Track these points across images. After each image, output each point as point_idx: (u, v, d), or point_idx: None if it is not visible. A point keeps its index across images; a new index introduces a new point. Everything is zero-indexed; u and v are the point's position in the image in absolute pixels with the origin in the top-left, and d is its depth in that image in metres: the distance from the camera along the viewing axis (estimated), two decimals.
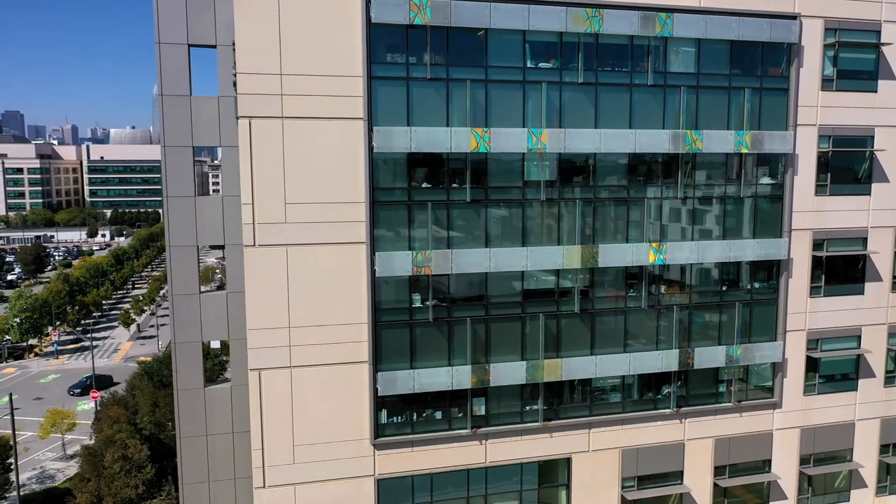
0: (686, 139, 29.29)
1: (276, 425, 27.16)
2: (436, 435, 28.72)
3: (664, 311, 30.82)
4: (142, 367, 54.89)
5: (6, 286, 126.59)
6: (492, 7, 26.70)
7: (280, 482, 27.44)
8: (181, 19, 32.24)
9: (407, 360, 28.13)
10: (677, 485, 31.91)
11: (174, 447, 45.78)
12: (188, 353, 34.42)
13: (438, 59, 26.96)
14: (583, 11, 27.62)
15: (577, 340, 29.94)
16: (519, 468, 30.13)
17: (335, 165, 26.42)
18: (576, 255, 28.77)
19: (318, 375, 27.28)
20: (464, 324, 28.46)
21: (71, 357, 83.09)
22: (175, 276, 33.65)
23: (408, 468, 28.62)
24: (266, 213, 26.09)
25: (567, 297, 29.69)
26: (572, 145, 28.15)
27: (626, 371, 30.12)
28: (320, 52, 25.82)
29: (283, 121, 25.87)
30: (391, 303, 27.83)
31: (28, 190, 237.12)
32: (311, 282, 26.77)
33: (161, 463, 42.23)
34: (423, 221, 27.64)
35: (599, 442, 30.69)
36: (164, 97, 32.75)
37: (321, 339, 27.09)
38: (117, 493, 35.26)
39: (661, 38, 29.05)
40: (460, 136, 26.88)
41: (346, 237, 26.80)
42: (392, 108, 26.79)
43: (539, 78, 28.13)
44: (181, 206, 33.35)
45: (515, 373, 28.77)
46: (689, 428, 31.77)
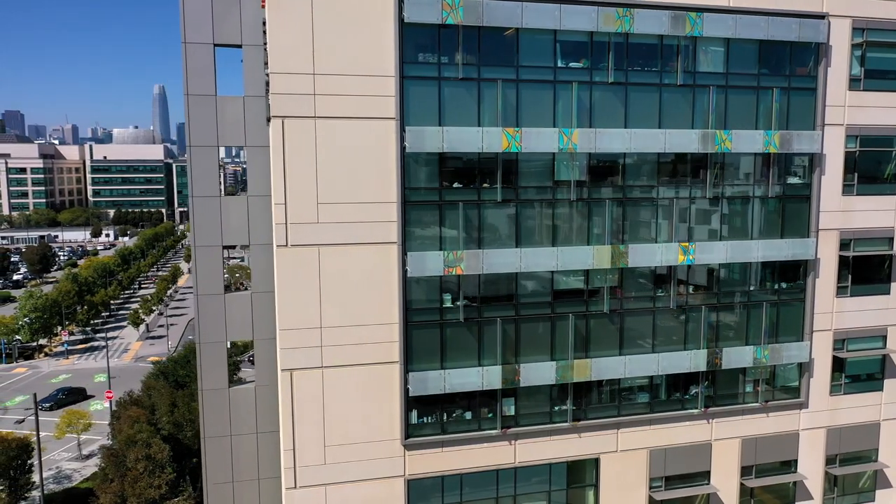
0: (715, 139, 29.25)
1: (308, 426, 27.12)
2: (466, 435, 28.68)
3: (692, 311, 30.77)
4: (157, 367, 54.81)
5: (13, 286, 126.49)
6: (523, 7, 26.65)
7: (311, 483, 27.40)
8: (207, 19, 32.20)
9: (437, 361, 28.08)
10: (704, 485, 31.88)
11: (192, 447, 45.91)
12: (213, 353, 34.45)
13: (470, 59, 26.91)
14: (613, 11, 27.56)
15: (605, 340, 29.91)
16: (548, 468, 30.09)
17: (367, 165, 26.37)
18: (605, 256, 28.71)
19: (350, 376, 27.23)
20: (494, 324, 28.42)
21: (81, 357, 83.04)
22: (200, 276, 33.62)
23: (438, 468, 28.58)
24: (299, 213, 26.04)
25: (596, 297, 29.64)
26: (602, 145, 28.10)
27: (655, 371, 30.09)
28: (353, 52, 25.77)
29: (316, 120, 25.81)
30: (422, 303, 27.79)
31: (31, 190, 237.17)
32: (343, 282, 26.72)
33: (180, 463, 42.19)
34: (453, 221, 27.60)
35: (628, 442, 30.65)
36: (190, 97, 32.72)
37: (352, 339, 27.05)
38: (141, 494, 35.22)
39: (690, 38, 28.99)
40: (492, 136, 26.83)
41: (377, 237, 26.75)
42: (423, 108, 26.75)
43: (569, 78, 28.07)
44: (206, 206, 33.35)
45: (545, 373, 28.73)
46: (717, 428, 31.74)
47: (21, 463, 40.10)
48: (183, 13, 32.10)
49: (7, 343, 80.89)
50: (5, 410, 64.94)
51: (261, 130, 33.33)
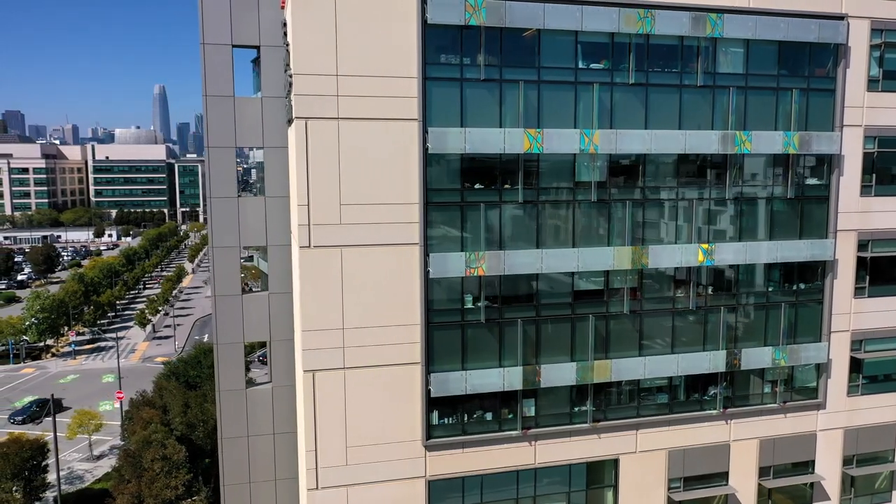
0: (735, 140, 29.27)
1: (329, 427, 27.13)
2: (486, 436, 28.70)
3: (710, 312, 30.80)
4: (167, 367, 54.79)
5: (17, 286, 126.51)
6: (545, 8, 26.67)
7: (333, 484, 27.41)
8: (225, 20, 32.23)
9: (458, 362, 28.10)
10: (723, 486, 31.90)
11: (205, 448, 45.92)
12: (230, 354, 34.48)
13: (492, 60, 26.93)
14: (635, 12, 27.59)
15: (625, 341, 29.93)
16: (567, 469, 30.11)
17: (389, 166, 26.38)
18: (626, 256, 28.74)
19: (371, 377, 27.25)
20: (514, 324, 28.44)
21: (88, 357, 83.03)
22: (218, 277, 33.66)
23: (458, 469, 28.60)
24: (321, 214, 26.04)
25: (616, 298, 29.67)
26: (623, 146, 28.13)
27: (675, 372, 30.12)
28: (375, 53, 25.78)
29: (339, 122, 25.82)
30: (443, 304, 27.81)
31: (34, 190, 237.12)
32: (365, 283, 26.73)
33: (193, 464, 42.20)
34: (475, 222, 27.61)
35: (647, 443, 30.67)
36: (208, 98, 32.75)
37: (374, 340, 27.07)
38: (158, 495, 35.24)
39: (710, 39, 29.01)
40: (514, 137, 26.86)
41: (399, 238, 26.76)
42: (445, 109, 26.76)
43: (590, 79, 28.10)
44: (224, 207, 33.36)
45: (566, 374, 28.75)
46: (735, 429, 31.76)
47: (36, 464, 40.12)
48: (201, 14, 32.13)
49: (14, 343, 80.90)
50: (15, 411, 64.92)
51: (278, 131, 33.34)
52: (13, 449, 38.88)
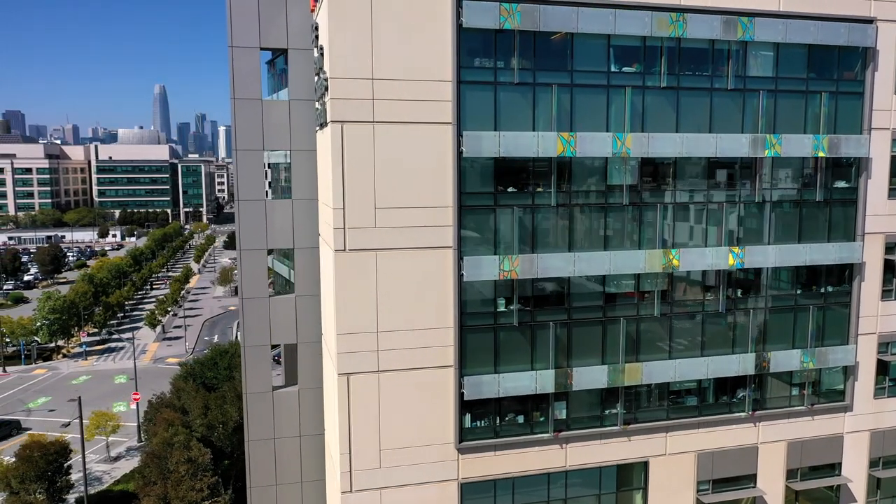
0: (766, 143, 29.32)
1: (363, 430, 27.16)
2: (518, 439, 28.75)
3: (739, 314, 30.86)
4: (184, 369, 54.83)
5: (24, 286, 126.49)
6: (579, 12, 26.71)
7: (366, 486, 27.44)
8: (253, 23, 32.36)
9: (491, 364, 28.15)
10: (751, 488, 31.96)
11: (225, 450, 45.94)
12: (257, 356, 34.55)
13: (525, 64, 26.98)
14: (667, 16, 27.63)
15: (655, 344, 29.99)
16: (598, 472, 30.16)
17: (424, 170, 26.42)
18: (657, 259, 28.79)
19: (405, 380, 27.29)
20: (546, 327, 28.49)
21: (99, 358, 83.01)
22: (245, 279, 33.76)
23: (490, 472, 28.65)
24: (356, 218, 26.07)
25: (646, 301, 29.72)
26: (655, 149, 28.19)
27: (704, 374, 30.18)
28: (410, 57, 25.82)
29: (374, 125, 25.85)
30: (476, 306, 27.87)
31: (37, 190, 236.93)
32: (399, 286, 26.77)
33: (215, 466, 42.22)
34: (507, 225, 27.66)
35: (676, 445, 30.73)
36: (236, 101, 32.86)
37: (408, 343, 27.11)
38: (184, 497, 35.27)
39: (740, 42, 29.05)
40: (547, 141, 26.90)
41: (433, 241, 26.80)
42: (479, 113, 26.81)
43: (622, 82, 28.15)
44: (252, 209, 33.48)
45: (597, 377, 28.81)
46: (763, 431, 31.82)
47: (58, 466, 40.17)
48: (230, 18, 32.22)
49: (26, 344, 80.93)
50: (29, 412, 64.97)
51: (305, 134, 33.46)
52: (37, 451, 38.93)
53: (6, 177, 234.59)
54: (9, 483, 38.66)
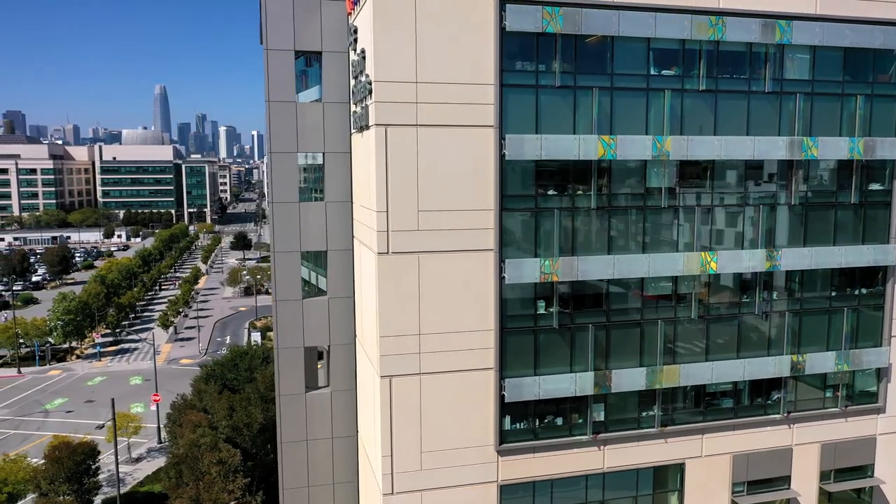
0: (802, 146, 29.40)
1: (405, 432, 27.24)
2: (557, 441, 28.83)
3: (774, 316, 30.94)
4: (204, 370, 54.84)
5: (33, 287, 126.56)
6: (620, 15, 26.80)
7: (407, 489, 27.51)
8: (288, 26, 32.44)
9: (531, 367, 28.23)
10: (785, 490, 32.04)
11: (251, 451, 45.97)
12: (290, 358, 34.62)
13: (566, 67, 27.06)
14: (706, 19, 27.71)
15: (692, 346, 30.07)
16: (635, 474, 30.24)
17: (466, 173, 26.50)
18: (695, 262, 28.87)
19: (446, 382, 27.36)
20: (585, 330, 28.57)
21: (113, 359, 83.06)
22: (279, 282, 33.81)
23: (529, 474, 28.72)
24: (399, 220, 26.15)
25: (683, 303, 29.81)
26: (694, 152, 28.27)
27: (741, 377, 30.27)
28: (454, 60, 25.90)
29: (418, 129, 25.93)
30: (516, 309, 27.95)
31: (41, 190, 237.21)
32: (441, 289, 26.86)
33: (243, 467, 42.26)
34: (548, 228, 27.74)
35: (712, 447, 30.80)
36: (271, 103, 32.94)
37: (449, 345, 27.18)
38: (217, 498, 35.36)
39: (777, 46, 29.12)
40: (588, 144, 26.98)
41: (475, 244, 26.88)
42: (521, 116, 26.89)
43: (661, 85, 28.23)
44: (286, 211, 33.55)
45: (636, 379, 28.89)
46: (797, 433, 31.90)
47: (86, 467, 40.26)
48: (265, 20, 32.31)
49: (40, 345, 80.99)
50: (46, 413, 65.05)
51: (339, 137, 33.55)
52: (65, 453, 39.03)
53: (10, 177, 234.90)
54: (38, 484, 38.76)
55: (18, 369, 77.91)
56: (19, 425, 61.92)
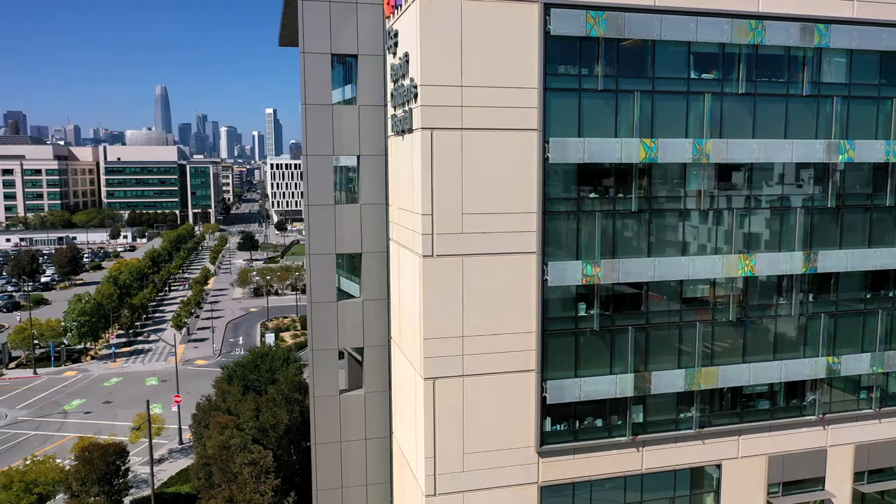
0: (839, 149, 29.57)
1: (448, 434, 27.39)
2: (596, 442, 28.99)
3: (811, 318, 31.10)
4: (226, 371, 54.95)
5: (42, 288, 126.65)
6: (662, 19, 26.96)
7: (450, 490, 27.67)
8: (325, 30, 32.58)
9: (571, 369, 28.39)
10: (819, 491, 32.20)
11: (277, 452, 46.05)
12: (324, 360, 34.77)
13: (609, 71, 27.22)
14: (747, 23, 27.88)
15: (730, 348, 30.24)
16: (672, 475, 30.40)
17: (509, 176, 26.65)
18: (734, 264, 29.04)
19: (488, 384, 27.52)
20: (625, 332, 28.73)
21: (128, 360, 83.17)
22: (314, 284, 33.96)
23: (569, 475, 28.88)
24: (444, 223, 26.30)
25: (721, 305, 29.97)
26: (733, 155, 28.45)
27: (778, 378, 30.45)
28: (498, 64, 26.05)
29: (463, 132, 26.08)
30: (557, 311, 28.10)
31: (46, 191, 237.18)
32: (484, 291, 27.01)
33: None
34: (589, 230, 27.91)
35: (748, 448, 30.96)
36: (307, 106, 33.08)
37: (491, 347, 27.34)
38: (250, 500, 35.49)
39: (815, 49, 29.29)
40: (630, 147, 27.16)
41: (518, 247, 27.04)
42: (563, 119, 27.04)
43: (701, 89, 28.40)
44: (321, 214, 33.70)
45: (675, 380, 29.07)
46: (832, 434, 32.06)
47: (116, 468, 40.38)
48: (302, 24, 32.45)
49: (56, 346, 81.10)
50: (65, 414, 65.18)
51: (373, 139, 33.72)
52: (96, 454, 39.14)
53: (15, 178, 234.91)
54: (69, 485, 38.88)
55: (34, 370, 78.06)
56: (39, 426, 62.06)
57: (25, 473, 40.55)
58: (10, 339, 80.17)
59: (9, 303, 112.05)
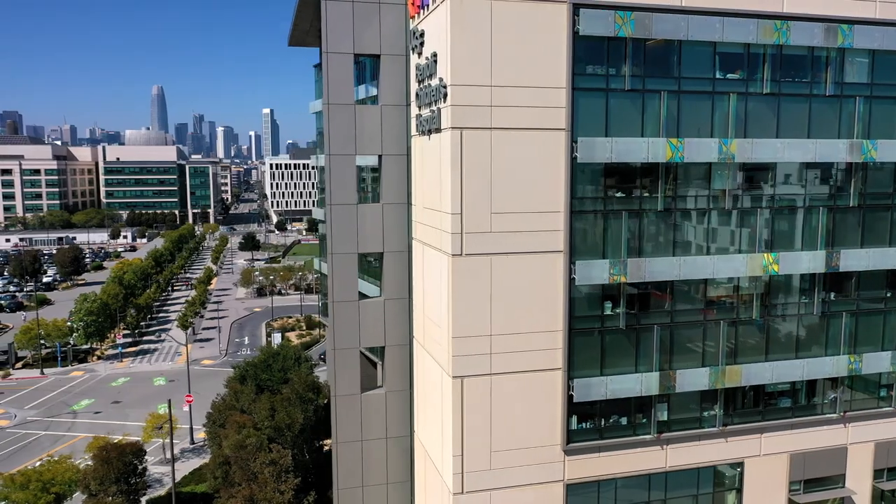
0: (862, 148, 29.77)
1: (475, 432, 27.49)
2: (621, 440, 29.14)
3: (832, 317, 31.30)
4: (237, 370, 54.96)
5: (45, 288, 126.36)
6: (689, 19, 27.11)
7: (477, 488, 27.77)
8: (348, 29, 32.69)
9: (597, 367, 28.53)
10: (840, 488, 32.40)
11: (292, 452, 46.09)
12: (346, 359, 34.85)
13: (636, 71, 27.37)
14: (772, 23, 28.05)
15: (753, 346, 30.41)
16: (696, 473, 30.56)
17: (537, 175, 26.77)
18: (758, 263, 29.22)
19: (515, 382, 27.64)
20: (650, 330, 28.89)
21: (134, 360, 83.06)
22: (336, 283, 34.03)
23: (594, 473, 29.02)
24: (473, 223, 26.41)
25: (744, 304, 30.14)
26: (758, 155, 28.63)
27: (800, 376, 30.64)
28: (527, 64, 26.17)
29: (492, 132, 26.20)
30: (583, 310, 28.23)
31: (45, 191, 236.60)
32: (511, 290, 27.12)
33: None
34: (616, 229, 28.06)
35: (771, 446, 31.15)
36: (330, 106, 33.18)
37: (518, 346, 27.46)
38: (271, 499, 35.55)
39: (838, 50, 29.48)
40: (656, 147, 27.31)
41: (545, 246, 27.17)
42: (590, 119, 27.19)
43: (726, 89, 28.56)
44: (343, 213, 33.79)
45: (699, 379, 29.23)
46: (852, 432, 32.26)
47: (133, 467, 40.39)
48: (325, 24, 32.56)
49: (62, 346, 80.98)
50: (75, 415, 65.10)
51: (395, 139, 33.82)
52: (114, 453, 39.16)
53: (14, 178, 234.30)
54: (87, 485, 38.88)
55: (41, 370, 77.93)
56: (49, 426, 61.96)
57: (42, 473, 40.52)
58: (17, 339, 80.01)
59: (12, 303, 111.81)
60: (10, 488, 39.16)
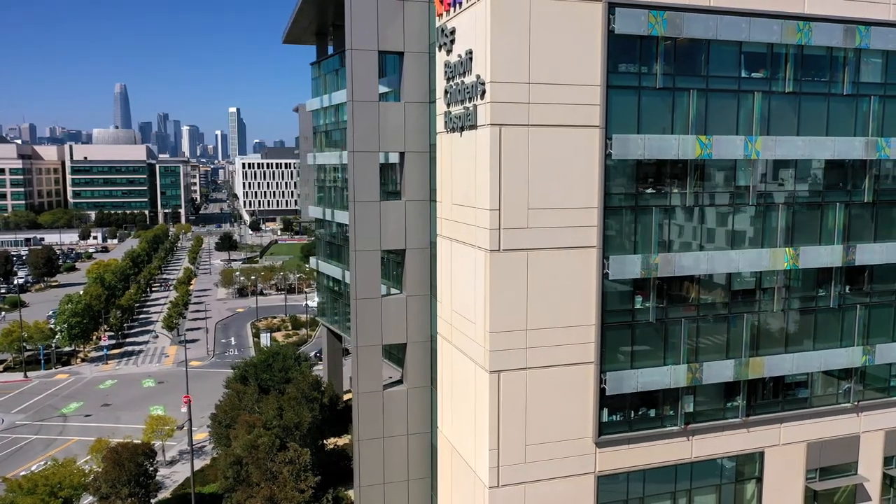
0: (877, 146, 30.76)
1: (510, 426, 27.75)
2: (650, 432, 29.67)
3: (848, 309, 32.26)
4: (237, 371, 54.49)
5: (18, 290, 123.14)
6: (718, 19, 27.74)
7: (512, 481, 28.04)
8: (372, 26, 32.76)
9: (627, 360, 29.03)
10: (853, 475, 33.41)
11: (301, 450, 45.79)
12: (368, 356, 34.88)
13: (667, 69, 27.90)
14: (795, 24, 28.84)
15: (773, 338, 31.20)
16: (719, 463, 31.26)
17: (571, 172, 27.14)
18: (780, 257, 30.01)
19: (549, 376, 27.98)
20: (678, 323, 29.47)
21: (120, 362, 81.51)
22: (359, 280, 34.05)
23: (624, 465, 29.51)
24: (510, 219, 26.67)
25: (766, 297, 30.91)
26: (781, 152, 29.42)
27: (818, 367, 31.55)
28: (564, 62, 26.52)
29: (529, 129, 26.49)
30: (614, 304, 28.68)
31: (10, 191, 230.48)
32: (546, 285, 27.45)
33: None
34: (646, 225, 28.56)
35: (789, 436, 32.00)
36: (354, 103, 33.18)
37: (553, 340, 27.81)
38: (291, 498, 35.33)
39: (855, 50, 30.40)
40: (686, 143, 27.90)
41: (579, 241, 27.55)
42: (623, 116, 27.64)
43: (751, 87, 29.27)
44: (366, 210, 33.83)
45: (724, 371, 29.92)
46: (864, 421, 33.29)
47: (144, 469, 39.78)
48: (350, 21, 32.57)
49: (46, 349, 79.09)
50: (65, 418, 63.73)
51: (418, 136, 33.95)
52: (126, 455, 38.54)
53: None
54: (99, 487, 38.20)
55: (24, 374, 76.05)
56: (39, 430, 60.54)
57: (49, 477, 39.67)
58: None
59: None
60: (17, 493, 38.29)
